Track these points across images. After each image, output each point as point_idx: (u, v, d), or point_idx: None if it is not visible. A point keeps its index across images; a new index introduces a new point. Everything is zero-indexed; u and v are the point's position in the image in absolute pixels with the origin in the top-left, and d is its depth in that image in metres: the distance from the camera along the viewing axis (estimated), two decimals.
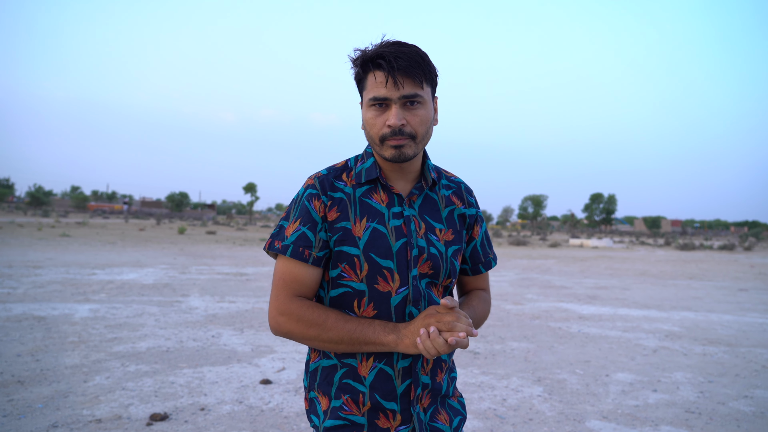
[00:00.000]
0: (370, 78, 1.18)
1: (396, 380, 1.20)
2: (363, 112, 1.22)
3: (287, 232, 1.22)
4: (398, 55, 1.15)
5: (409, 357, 1.21)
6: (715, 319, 7.78)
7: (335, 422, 1.20)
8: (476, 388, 4.18)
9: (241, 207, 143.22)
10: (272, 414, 3.51)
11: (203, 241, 23.42)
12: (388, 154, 1.19)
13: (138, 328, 5.77)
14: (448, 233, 1.28)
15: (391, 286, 1.20)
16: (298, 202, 1.24)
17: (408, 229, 1.23)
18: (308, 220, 1.21)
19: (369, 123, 1.19)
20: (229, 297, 8.17)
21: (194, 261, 13.96)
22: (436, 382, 1.25)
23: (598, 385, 4.38)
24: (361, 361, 1.21)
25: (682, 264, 19.73)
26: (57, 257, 13.06)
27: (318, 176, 1.25)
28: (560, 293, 10.15)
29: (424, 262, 1.22)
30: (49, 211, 58.51)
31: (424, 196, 1.29)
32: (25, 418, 3.24)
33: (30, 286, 8.27)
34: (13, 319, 5.89)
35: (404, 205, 1.25)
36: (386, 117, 1.17)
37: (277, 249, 1.21)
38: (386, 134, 1.17)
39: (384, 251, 1.20)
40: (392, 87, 1.15)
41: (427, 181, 1.28)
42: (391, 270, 1.20)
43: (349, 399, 1.20)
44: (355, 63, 1.22)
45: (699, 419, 3.68)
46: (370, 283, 1.20)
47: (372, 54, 1.17)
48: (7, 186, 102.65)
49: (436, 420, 1.24)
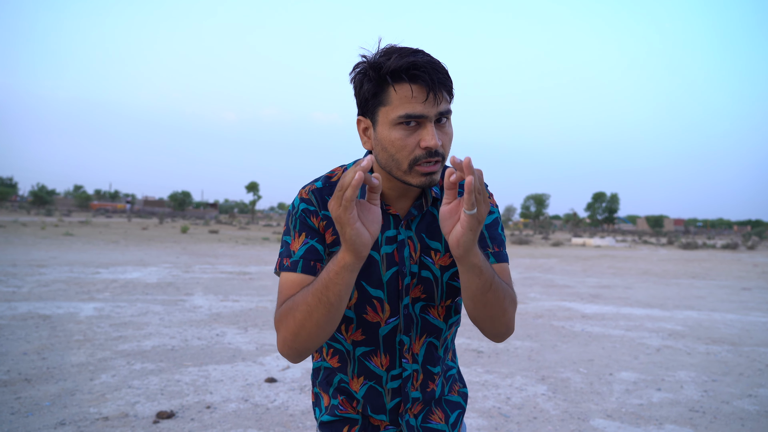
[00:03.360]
0: (400, 92, 1.02)
1: (386, 398, 1.19)
2: (382, 132, 1.05)
3: (293, 248, 1.11)
4: (435, 67, 1.02)
5: (399, 379, 1.18)
6: (718, 318, 7.77)
7: (331, 418, 1.22)
8: (480, 387, 4.19)
9: (243, 206, 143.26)
10: (278, 412, 3.53)
11: (206, 240, 23.46)
12: (417, 182, 1.05)
13: (143, 326, 5.80)
14: (444, 258, 1.17)
15: (380, 316, 1.15)
16: (296, 216, 1.14)
17: (400, 256, 1.14)
18: (313, 232, 1.12)
19: (396, 145, 1.03)
20: (233, 296, 8.19)
21: (197, 260, 13.99)
22: (428, 392, 1.22)
23: (601, 383, 4.39)
24: (351, 378, 1.20)
25: (684, 263, 19.70)
26: (61, 256, 13.10)
27: (312, 189, 1.15)
28: (563, 292, 10.15)
29: (416, 287, 1.15)
30: (53, 210, 58.64)
31: (424, 214, 1.17)
32: (32, 416, 3.26)
33: (34, 285, 8.30)
34: (18, 318, 5.92)
35: (400, 228, 1.15)
36: (419, 137, 1.03)
37: (287, 267, 1.09)
38: (419, 157, 1.03)
39: (375, 280, 1.13)
40: (431, 103, 1.01)
41: (427, 199, 1.16)
42: (381, 300, 1.14)
43: (344, 400, 1.21)
44: (376, 72, 1.04)
45: (703, 418, 3.69)
46: (359, 312, 1.14)
47: (405, 64, 1.01)
48: (11, 185, 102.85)
49: (430, 421, 1.21)
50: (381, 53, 1.05)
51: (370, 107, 1.07)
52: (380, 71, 1.03)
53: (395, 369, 1.17)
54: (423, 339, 1.18)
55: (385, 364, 1.17)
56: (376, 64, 1.04)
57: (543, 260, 18.97)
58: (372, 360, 1.17)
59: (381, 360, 1.17)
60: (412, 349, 1.17)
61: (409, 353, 1.17)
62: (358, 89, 1.08)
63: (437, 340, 1.20)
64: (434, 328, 1.19)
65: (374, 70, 1.04)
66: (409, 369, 1.18)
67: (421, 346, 1.18)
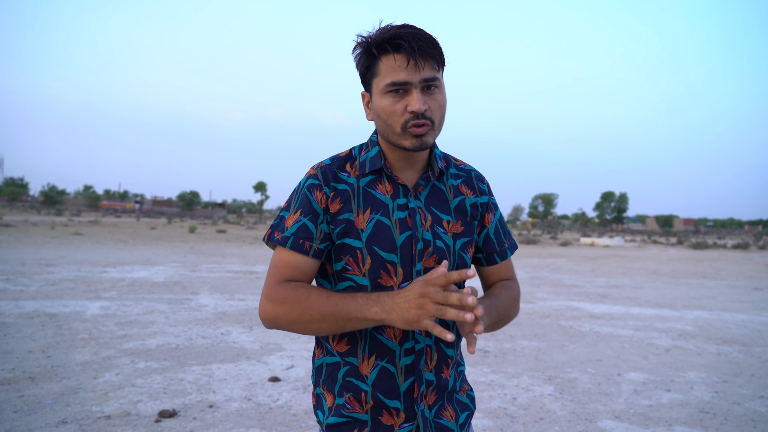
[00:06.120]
0: (385, 62, 1.11)
1: (399, 378, 1.17)
2: (376, 101, 1.15)
3: (287, 223, 1.16)
4: (416, 36, 1.09)
5: (412, 354, 1.17)
6: (729, 318, 7.66)
7: (338, 419, 1.18)
8: (486, 387, 4.14)
9: (251, 206, 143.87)
10: (281, 411, 3.50)
11: (213, 240, 23.54)
12: (409, 144, 1.12)
13: (148, 325, 5.80)
14: (456, 225, 1.22)
15: (394, 280, 1.16)
16: (299, 192, 1.19)
17: (413, 221, 1.17)
18: (309, 210, 1.16)
19: (386, 111, 1.12)
20: (239, 295, 8.19)
21: (204, 259, 14.03)
22: (442, 378, 1.21)
23: (610, 384, 4.33)
24: (362, 360, 1.18)
25: (694, 263, 19.50)
26: (69, 255, 13.18)
27: (321, 166, 1.20)
28: (571, 292, 10.06)
29: (430, 256, 1.17)
30: (63, 210, 59.17)
31: (431, 186, 1.23)
32: (35, 414, 3.25)
33: (42, 284, 8.34)
34: (25, 316, 5.94)
35: (410, 197, 1.19)
36: (406, 102, 1.11)
37: (277, 240, 1.16)
38: (408, 120, 1.10)
39: (388, 244, 1.15)
40: (413, 70, 1.09)
41: (434, 170, 1.22)
42: (395, 264, 1.16)
43: (351, 397, 1.18)
44: (364, 47, 1.14)
45: (714, 420, 3.62)
46: (373, 277, 1.16)
47: (388, 35, 1.09)
48: (22, 185, 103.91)
49: (442, 416, 1.20)
50: (374, 30, 1.14)
51: (366, 80, 1.17)
52: (368, 45, 1.13)
53: (408, 341, 1.17)
54: None
55: (398, 336, 1.17)
56: (366, 39, 1.14)
57: (551, 260, 18.85)
58: (385, 332, 1.17)
59: (394, 331, 1.17)
60: None
61: None
62: (357, 65, 1.18)
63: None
64: None
65: (364, 44, 1.14)
66: (422, 342, 1.18)
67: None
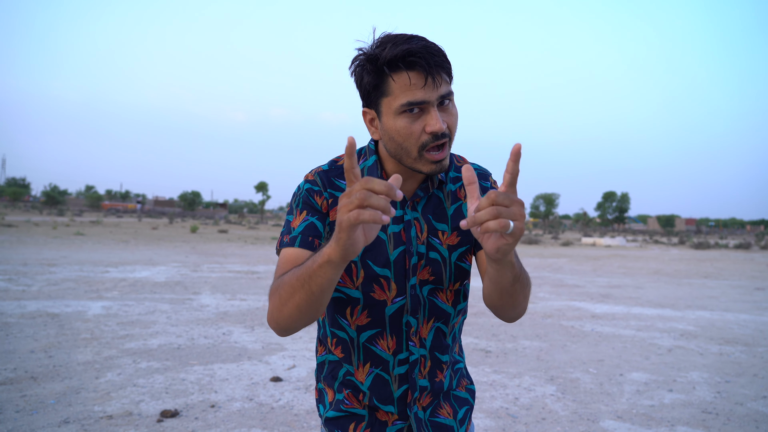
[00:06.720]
0: (399, 81, 1.03)
1: (393, 385, 1.17)
2: (387, 122, 1.07)
3: (294, 224, 1.13)
4: (430, 51, 1.02)
5: (406, 364, 1.17)
6: (731, 318, 7.64)
7: (337, 413, 1.20)
8: (488, 387, 4.13)
9: (252, 206, 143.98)
10: (282, 411, 3.50)
11: (215, 240, 23.55)
12: (428, 170, 1.06)
13: (150, 325, 5.80)
14: (452, 237, 1.18)
15: (387, 294, 1.14)
16: (299, 196, 1.16)
17: (407, 235, 1.14)
18: (314, 211, 1.14)
19: (402, 133, 1.04)
20: (240, 295, 8.19)
21: (206, 259, 14.04)
22: (436, 382, 1.20)
23: (612, 384, 4.32)
24: (357, 367, 1.18)
25: (696, 263, 19.47)
26: (71, 255, 13.20)
27: (318, 171, 1.18)
28: (572, 292, 10.05)
29: (423, 268, 1.15)
30: (64, 210, 59.25)
31: (430, 195, 1.19)
32: (37, 413, 3.25)
33: (44, 284, 8.35)
34: (27, 316, 5.95)
35: (406, 208, 1.16)
36: (423, 123, 1.04)
37: (286, 243, 1.11)
38: (427, 142, 1.04)
39: (381, 259, 1.13)
40: (430, 88, 1.02)
41: (433, 182, 1.18)
42: (388, 279, 1.13)
43: (350, 394, 1.19)
44: (373, 64, 1.05)
45: (716, 420, 3.61)
46: (366, 291, 1.14)
47: (400, 52, 1.01)
48: (24, 186, 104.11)
49: (438, 415, 1.20)
50: (376, 44, 1.05)
51: (373, 99, 1.09)
52: (377, 63, 1.04)
53: (402, 353, 1.16)
54: (431, 323, 1.17)
55: (391, 347, 1.16)
56: (372, 56, 1.05)
57: (552, 260, 18.83)
58: (378, 343, 1.16)
59: (387, 342, 1.16)
60: (419, 333, 1.17)
61: (416, 336, 1.16)
62: (359, 82, 1.09)
63: (445, 326, 1.19)
64: (442, 312, 1.18)
65: (371, 62, 1.05)
66: (416, 353, 1.17)
67: (429, 331, 1.18)
